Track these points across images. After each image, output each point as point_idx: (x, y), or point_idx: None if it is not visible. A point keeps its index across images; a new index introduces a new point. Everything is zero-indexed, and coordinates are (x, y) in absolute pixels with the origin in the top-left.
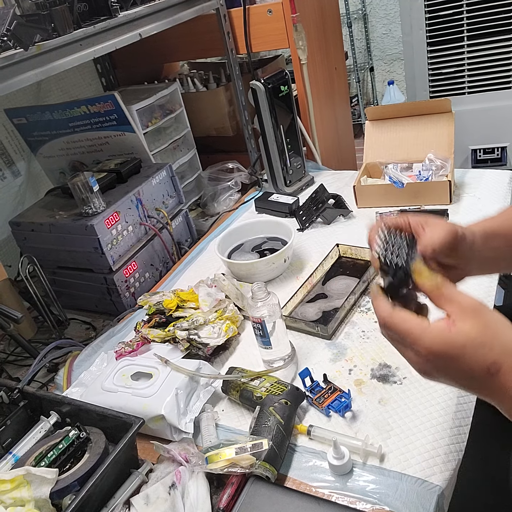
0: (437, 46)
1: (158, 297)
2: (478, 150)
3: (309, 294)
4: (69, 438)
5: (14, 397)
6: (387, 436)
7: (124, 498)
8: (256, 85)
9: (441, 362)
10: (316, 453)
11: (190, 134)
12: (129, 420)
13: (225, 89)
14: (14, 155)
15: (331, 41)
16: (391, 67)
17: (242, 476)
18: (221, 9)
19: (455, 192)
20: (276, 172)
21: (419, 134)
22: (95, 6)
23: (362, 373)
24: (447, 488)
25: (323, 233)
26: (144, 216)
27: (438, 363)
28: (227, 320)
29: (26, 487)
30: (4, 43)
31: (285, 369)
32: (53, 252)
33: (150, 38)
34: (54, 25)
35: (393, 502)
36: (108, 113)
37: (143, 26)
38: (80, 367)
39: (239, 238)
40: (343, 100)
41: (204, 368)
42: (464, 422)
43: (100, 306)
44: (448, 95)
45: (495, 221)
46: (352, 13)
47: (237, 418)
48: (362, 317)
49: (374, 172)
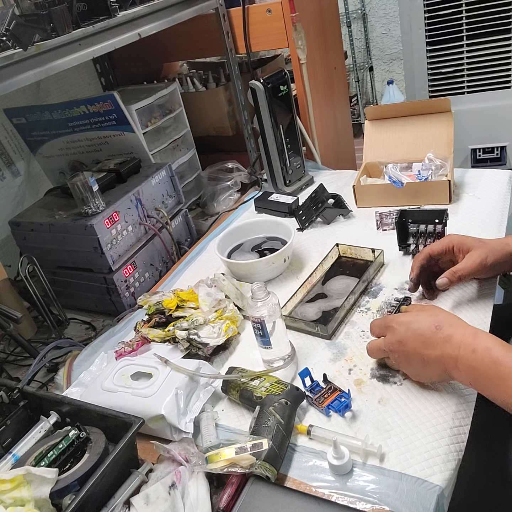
0: (436, 46)
1: (158, 297)
2: (477, 149)
3: (309, 294)
4: (69, 438)
5: (14, 397)
6: (387, 436)
7: (124, 498)
8: (255, 85)
9: (404, 326)
10: (316, 453)
11: (189, 134)
12: (129, 420)
13: (225, 89)
14: (14, 155)
15: (330, 40)
16: (391, 66)
17: (242, 476)
18: (220, 9)
19: (454, 192)
20: (275, 172)
21: (419, 134)
22: (94, 6)
23: (362, 372)
24: (447, 488)
25: (322, 233)
26: (144, 216)
27: (403, 331)
28: (227, 320)
29: (26, 487)
30: (3, 43)
31: (285, 369)
32: (52, 252)
33: (149, 38)
34: (53, 25)
35: (393, 502)
36: (108, 113)
37: (142, 25)
38: (80, 367)
39: (239, 238)
40: (343, 100)
41: (204, 368)
42: (464, 422)
43: (100, 306)
44: (447, 94)
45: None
46: (351, 13)
47: (237, 418)
48: (362, 317)
49: (374, 172)
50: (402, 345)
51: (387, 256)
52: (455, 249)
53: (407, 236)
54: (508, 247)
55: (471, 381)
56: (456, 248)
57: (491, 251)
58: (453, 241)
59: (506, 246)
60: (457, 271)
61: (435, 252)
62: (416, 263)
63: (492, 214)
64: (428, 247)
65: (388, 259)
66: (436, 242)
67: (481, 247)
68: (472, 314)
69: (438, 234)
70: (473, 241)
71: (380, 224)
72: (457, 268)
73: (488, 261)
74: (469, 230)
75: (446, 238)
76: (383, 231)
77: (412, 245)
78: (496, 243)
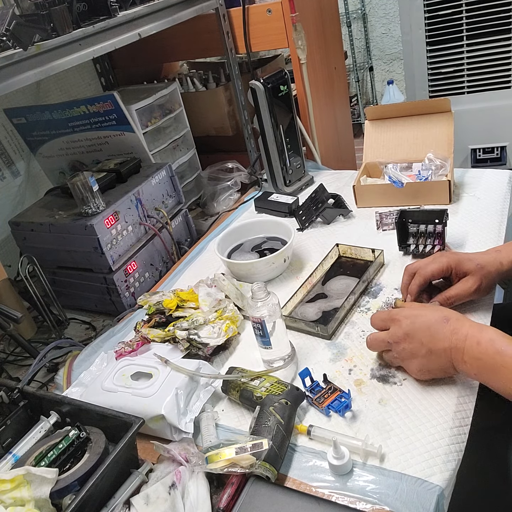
0: (436, 46)
1: (158, 297)
2: (477, 149)
3: (309, 294)
4: (69, 438)
5: (14, 397)
6: (387, 436)
7: (124, 498)
8: (255, 85)
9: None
10: (316, 453)
11: (189, 134)
12: (129, 420)
13: (225, 89)
14: (14, 155)
15: (330, 40)
16: (391, 66)
17: (242, 476)
18: (220, 9)
19: (454, 192)
20: (275, 172)
21: (419, 134)
22: (94, 6)
23: (362, 373)
24: (447, 488)
25: (322, 233)
26: (144, 216)
27: (409, 324)
28: (227, 320)
29: (26, 487)
30: (3, 43)
31: (285, 369)
32: (52, 252)
33: (149, 38)
34: (53, 25)
35: (393, 502)
36: (108, 113)
37: (142, 26)
38: (80, 367)
39: (239, 238)
40: (343, 100)
41: (204, 368)
42: (464, 422)
43: (100, 306)
44: (447, 94)
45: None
46: (351, 13)
47: (237, 418)
48: (362, 317)
49: (374, 172)
50: (409, 338)
51: (387, 256)
52: (453, 273)
53: (407, 236)
54: (501, 267)
55: (476, 372)
56: (455, 272)
57: (485, 276)
58: (452, 263)
59: (500, 267)
60: (450, 297)
61: (436, 276)
62: (413, 288)
63: (492, 214)
64: (430, 271)
65: (388, 259)
66: (435, 264)
67: (477, 272)
68: (472, 313)
69: (438, 234)
70: (471, 265)
71: (380, 224)
72: (451, 294)
73: (482, 286)
74: (469, 230)
75: (444, 260)
76: (383, 231)
77: (412, 245)
78: (492, 264)
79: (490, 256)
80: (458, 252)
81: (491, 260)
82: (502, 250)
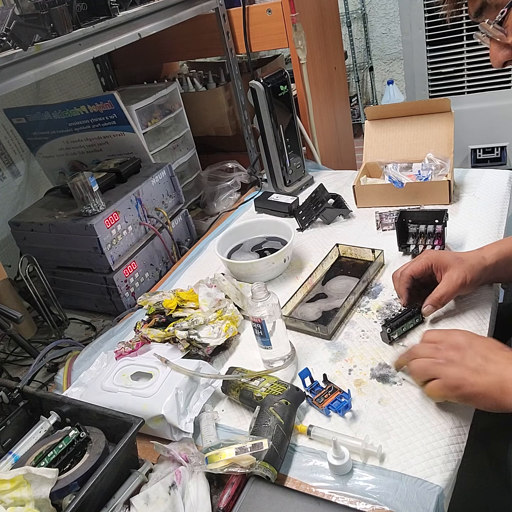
0: (436, 46)
1: (158, 297)
2: (477, 149)
3: (309, 294)
4: (69, 438)
5: (14, 397)
6: (387, 436)
7: (124, 498)
8: (255, 85)
9: (472, 341)
10: (316, 453)
11: (189, 134)
12: (129, 420)
13: (225, 89)
14: (14, 155)
15: (330, 40)
16: (391, 66)
17: (242, 476)
18: (220, 9)
19: (454, 192)
20: (275, 172)
21: (419, 134)
22: (94, 6)
23: (362, 373)
24: (447, 488)
25: (322, 233)
26: (144, 216)
27: (473, 341)
28: (227, 320)
29: (26, 487)
30: (3, 43)
31: (285, 369)
32: (52, 252)
33: (149, 38)
34: (53, 25)
35: (393, 502)
36: (108, 113)
37: (142, 26)
38: (80, 367)
39: (239, 238)
40: (343, 100)
41: (204, 368)
42: (464, 422)
43: (100, 306)
44: (447, 94)
45: (507, 246)
46: (351, 13)
47: (237, 418)
48: (362, 317)
49: (374, 172)
50: (462, 347)
51: (387, 256)
52: (434, 267)
53: (407, 236)
54: (484, 261)
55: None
56: (435, 267)
57: (469, 270)
58: (431, 259)
59: (483, 260)
60: (440, 297)
61: (417, 273)
62: (402, 289)
63: (491, 214)
64: (409, 269)
65: (388, 259)
66: (415, 262)
67: (458, 265)
68: (472, 314)
69: (438, 234)
70: (450, 258)
71: (380, 224)
72: (440, 293)
73: (467, 280)
74: (469, 230)
75: (423, 256)
76: (383, 231)
77: (412, 245)
78: (474, 258)
79: (471, 252)
80: (441, 250)
81: (472, 254)
82: (484, 247)
